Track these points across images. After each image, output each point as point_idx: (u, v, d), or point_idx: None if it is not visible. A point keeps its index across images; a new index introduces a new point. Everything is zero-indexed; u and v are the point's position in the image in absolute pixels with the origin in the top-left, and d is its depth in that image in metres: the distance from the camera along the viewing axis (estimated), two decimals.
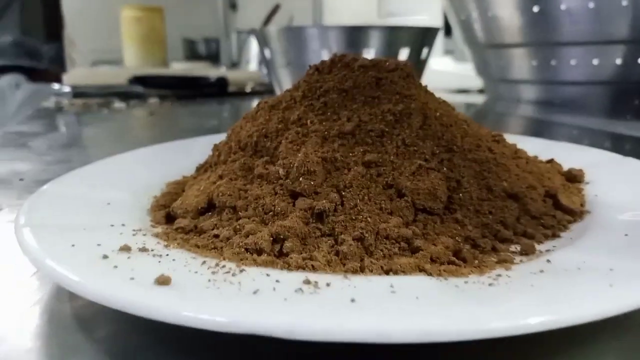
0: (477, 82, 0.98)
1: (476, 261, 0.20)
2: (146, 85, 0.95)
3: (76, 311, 0.19)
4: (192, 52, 2.13)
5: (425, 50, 0.70)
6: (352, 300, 0.15)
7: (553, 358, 0.16)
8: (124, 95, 0.91)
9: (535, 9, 0.71)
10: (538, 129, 0.65)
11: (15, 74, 1.78)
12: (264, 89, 1.06)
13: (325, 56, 0.63)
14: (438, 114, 0.26)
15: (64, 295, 0.20)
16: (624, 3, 0.65)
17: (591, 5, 0.67)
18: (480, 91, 1.02)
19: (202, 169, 0.29)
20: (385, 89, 0.27)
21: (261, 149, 0.26)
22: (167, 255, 0.19)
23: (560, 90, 0.77)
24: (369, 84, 0.27)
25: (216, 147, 0.29)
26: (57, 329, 0.18)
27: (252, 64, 1.54)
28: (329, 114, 0.26)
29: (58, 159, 0.46)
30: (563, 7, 0.69)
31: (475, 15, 0.81)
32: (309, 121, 0.26)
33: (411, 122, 0.25)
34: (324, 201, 0.22)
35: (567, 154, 0.33)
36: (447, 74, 1.14)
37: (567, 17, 0.69)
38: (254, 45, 1.48)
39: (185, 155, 0.33)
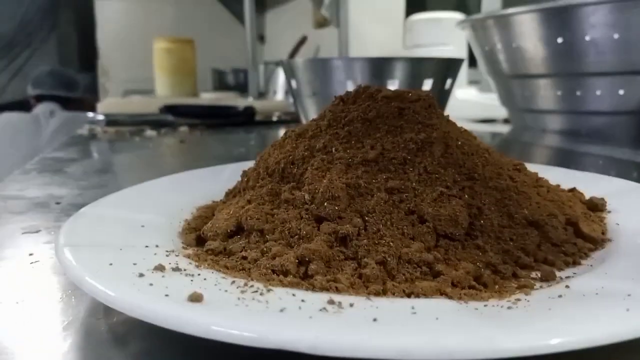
0: (502, 111, 0.98)
1: (496, 286, 0.20)
2: (176, 114, 0.97)
3: (111, 327, 0.20)
4: (221, 83, 2.18)
5: (449, 81, 0.71)
6: (375, 320, 0.16)
7: None
8: (155, 123, 0.94)
9: (560, 40, 0.72)
10: (564, 158, 0.65)
11: (50, 102, 1.85)
12: (290, 118, 1.08)
13: (350, 87, 0.65)
14: (459, 142, 0.27)
15: (99, 313, 0.21)
16: None
17: (616, 36, 0.67)
18: (506, 121, 1.02)
19: (231, 194, 0.30)
20: (408, 118, 0.28)
21: (288, 175, 0.27)
22: (199, 275, 0.20)
23: (586, 120, 0.77)
24: (392, 114, 0.28)
25: (245, 174, 0.30)
26: (93, 343, 0.19)
27: (279, 94, 1.57)
28: (353, 142, 0.27)
29: (93, 184, 0.48)
30: (588, 38, 0.69)
31: (499, 47, 0.82)
32: (333, 149, 0.27)
33: (433, 150, 0.26)
34: (348, 226, 0.23)
35: (590, 183, 0.33)
36: (473, 103, 1.14)
37: (591, 47, 0.70)
38: (280, 76, 1.51)
39: (214, 181, 0.35)
